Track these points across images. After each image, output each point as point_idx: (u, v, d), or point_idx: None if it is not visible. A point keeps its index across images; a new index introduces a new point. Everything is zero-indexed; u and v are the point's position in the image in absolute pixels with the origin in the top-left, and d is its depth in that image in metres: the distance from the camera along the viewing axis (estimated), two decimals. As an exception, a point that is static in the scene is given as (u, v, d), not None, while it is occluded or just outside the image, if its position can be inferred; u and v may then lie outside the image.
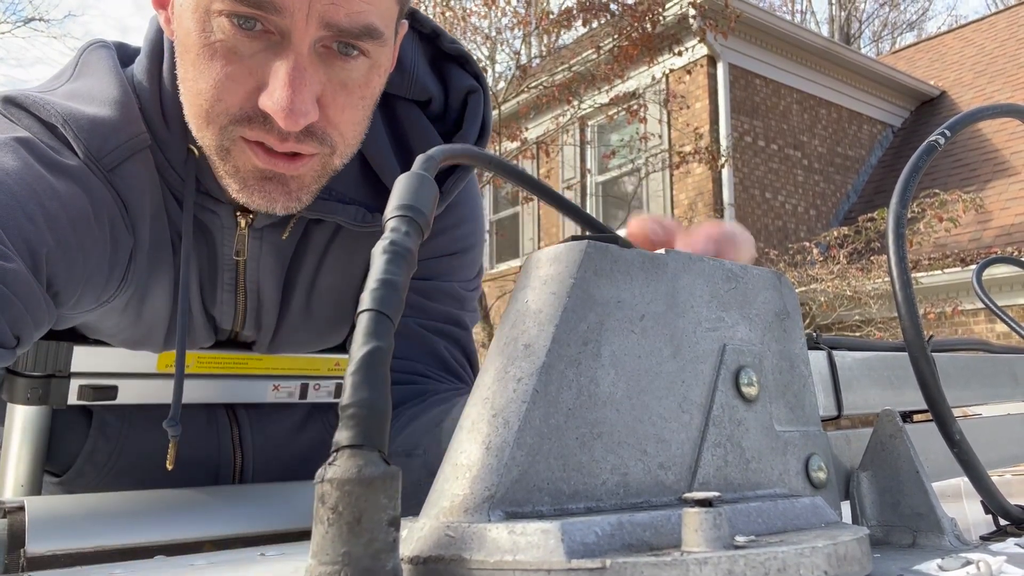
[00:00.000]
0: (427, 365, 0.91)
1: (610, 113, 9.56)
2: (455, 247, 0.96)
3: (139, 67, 0.81)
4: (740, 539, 0.32)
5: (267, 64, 0.67)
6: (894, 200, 0.49)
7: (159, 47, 0.80)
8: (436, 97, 0.90)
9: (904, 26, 25.92)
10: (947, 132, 0.53)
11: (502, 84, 9.16)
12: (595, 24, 8.69)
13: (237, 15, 0.65)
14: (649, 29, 8.30)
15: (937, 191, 7.66)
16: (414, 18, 0.89)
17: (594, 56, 8.74)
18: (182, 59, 0.71)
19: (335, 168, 0.76)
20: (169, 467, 0.83)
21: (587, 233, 0.42)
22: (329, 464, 0.29)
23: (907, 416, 0.65)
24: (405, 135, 0.89)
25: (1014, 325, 0.85)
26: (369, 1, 0.68)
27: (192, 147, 0.78)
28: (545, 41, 9.70)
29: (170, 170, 0.80)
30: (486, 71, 9.13)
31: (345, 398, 0.30)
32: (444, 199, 0.88)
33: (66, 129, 0.74)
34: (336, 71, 0.70)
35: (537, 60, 9.50)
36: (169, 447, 0.83)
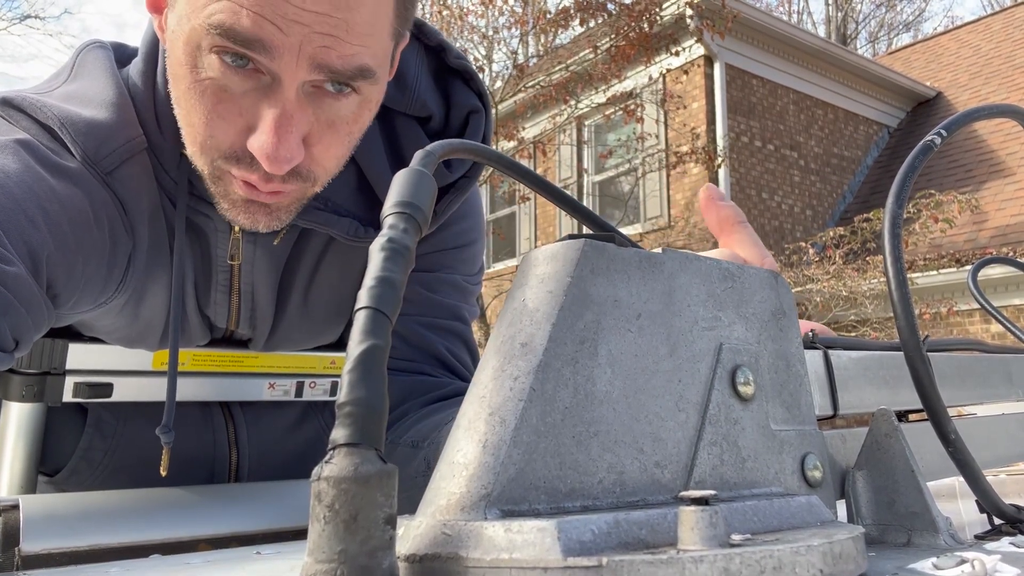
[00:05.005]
0: (431, 366, 0.91)
1: (607, 113, 9.57)
2: (457, 241, 0.96)
3: (135, 69, 0.80)
4: (736, 537, 0.32)
5: (257, 106, 0.67)
6: (890, 200, 0.49)
7: (155, 49, 0.79)
8: (436, 114, 0.89)
9: (900, 27, 25.99)
10: (943, 132, 0.53)
11: (499, 83, 9.15)
12: (592, 24, 8.70)
13: (228, 53, 0.64)
14: (646, 29, 8.31)
15: (933, 192, 7.69)
16: (421, 30, 0.89)
17: (591, 56, 8.75)
18: (174, 86, 0.71)
19: (315, 192, 0.77)
20: (163, 473, 0.83)
21: (584, 231, 0.42)
22: (326, 462, 0.29)
23: (902, 415, 0.65)
24: (403, 151, 0.89)
25: (1009, 325, 0.86)
26: (363, 42, 0.66)
27: (185, 152, 0.78)
28: (542, 40, 9.71)
29: (164, 173, 0.79)
30: (482, 71, 9.13)
31: (342, 396, 0.30)
32: (438, 219, 0.88)
33: (63, 132, 0.73)
34: (325, 109, 0.69)
35: (534, 59, 9.50)
36: (163, 453, 0.83)
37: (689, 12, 8.83)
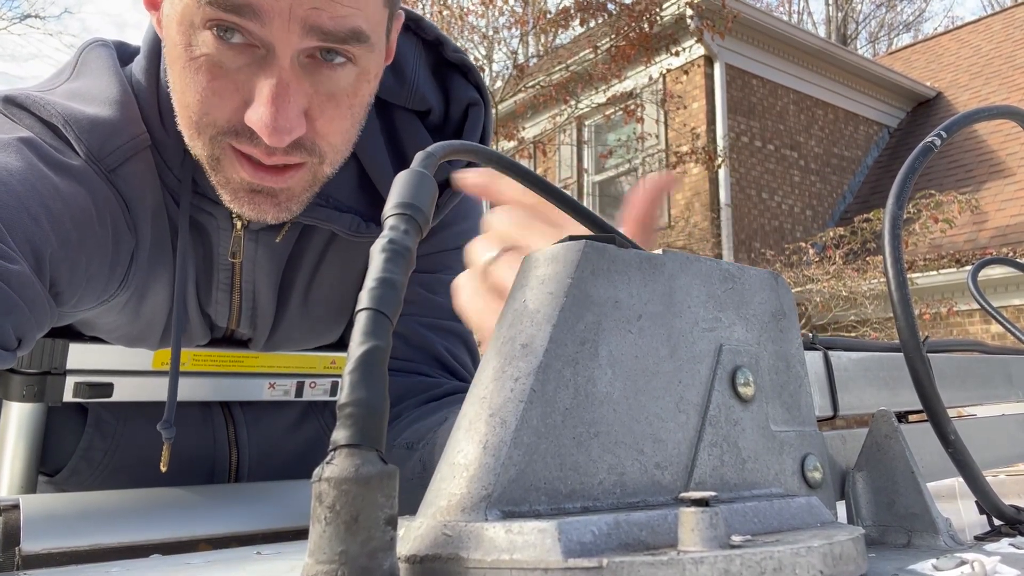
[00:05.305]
0: (429, 367, 0.91)
1: (607, 113, 9.57)
2: (458, 242, 0.96)
3: (137, 67, 0.80)
4: (736, 539, 0.32)
5: (252, 79, 0.67)
6: (890, 201, 0.49)
7: (157, 47, 0.79)
8: (436, 108, 0.89)
9: (901, 27, 26.00)
10: (943, 133, 0.53)
11: (499, 83, 9.16)
12: (592, 24, 8.71)
13: (219, 24, 0.64)
14: (646, 29, 8.32)
15: (933, 192, 7.69)
16: (418, 25, 0.89)
17: (591, 56, 8.75)
18: (171, 69, 0.71)
19: (325, 176, 0.75)
20: (163, 469, 0.83)
21: (585, 233, 0.42)
22: (326, 463, 0.29)
23: (902, 416, 0.65)
24: (403, 145, 0.89)
25: (1009, 326, 0.86)
26: (354, 4, 0.66)
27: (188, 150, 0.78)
28: (542, 40, 9.71)
29: (167, 171, 0.79)
30: (483, 70, 9.13)
31: (343, 397, 0.30)
32: (440, 213, 0.88)
33: (67, 129, 0.73)
34: (323, 81, 0.69)
35: (534, 59, 9.51)
36: (163, 449, 0.83)
37: (689, 12, 8.83)
